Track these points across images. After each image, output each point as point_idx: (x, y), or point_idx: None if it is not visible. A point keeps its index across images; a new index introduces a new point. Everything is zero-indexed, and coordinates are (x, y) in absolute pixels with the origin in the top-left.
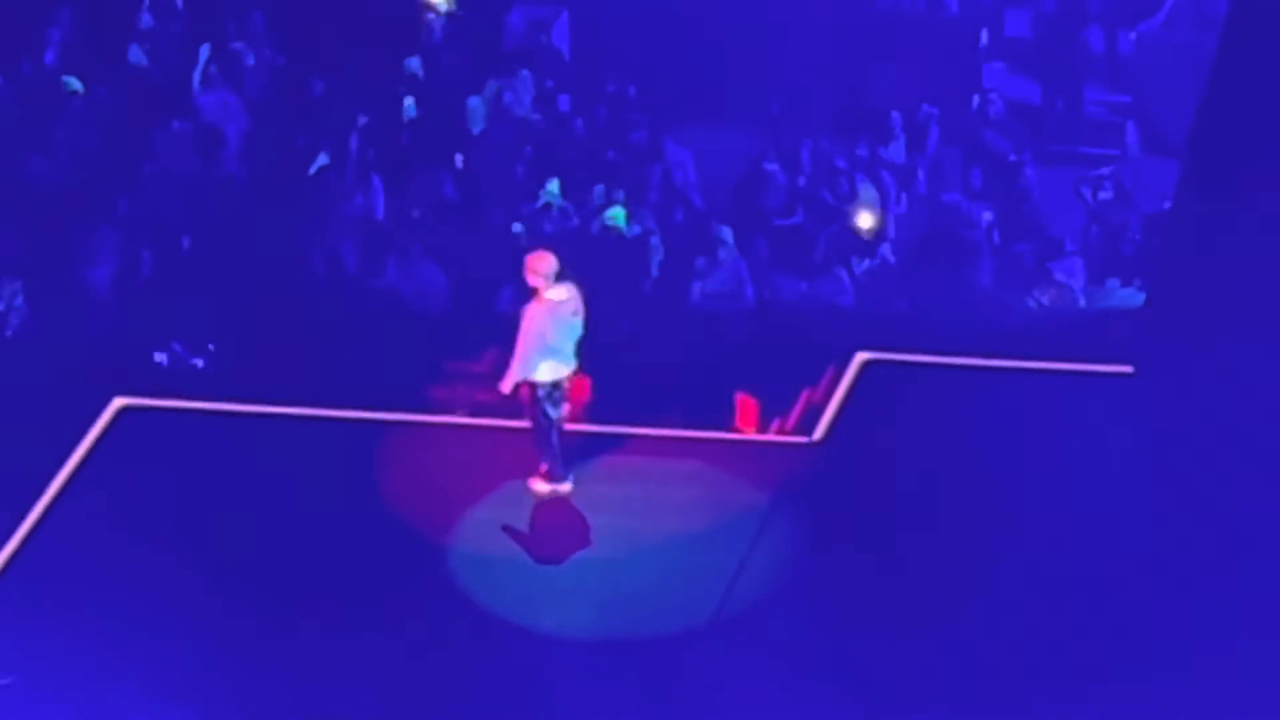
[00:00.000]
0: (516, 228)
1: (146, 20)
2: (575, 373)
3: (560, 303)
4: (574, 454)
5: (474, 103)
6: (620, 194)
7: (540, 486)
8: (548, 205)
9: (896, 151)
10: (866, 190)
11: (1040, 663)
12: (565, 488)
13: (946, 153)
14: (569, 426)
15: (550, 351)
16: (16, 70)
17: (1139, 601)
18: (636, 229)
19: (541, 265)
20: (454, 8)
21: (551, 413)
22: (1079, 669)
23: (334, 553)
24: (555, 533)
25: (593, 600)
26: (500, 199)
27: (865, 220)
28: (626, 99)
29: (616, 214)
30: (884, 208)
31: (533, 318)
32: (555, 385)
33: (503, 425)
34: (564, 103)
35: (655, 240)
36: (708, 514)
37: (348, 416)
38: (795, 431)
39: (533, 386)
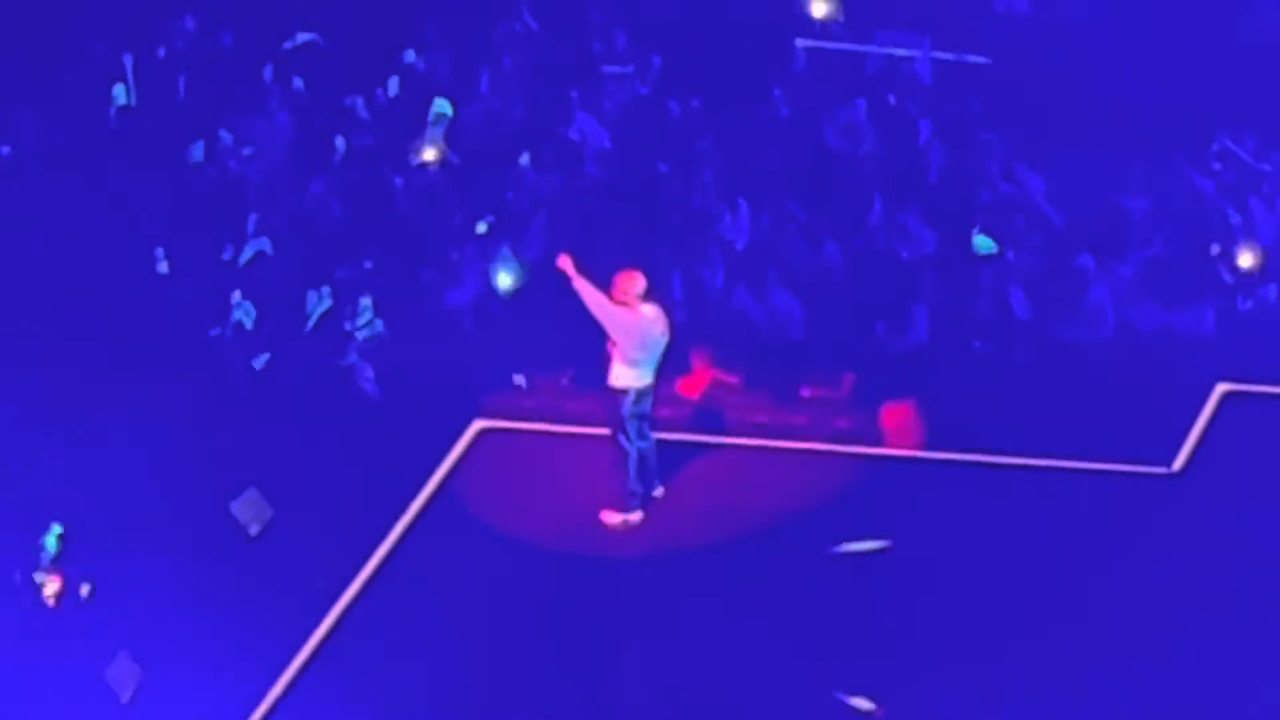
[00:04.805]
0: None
1: (510, 45)
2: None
3: (650, 319)
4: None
5: (830, 129)
6: (979, 222)
7: (612, 518)
8: None
9: (1260, 180)
10: (1229, 220)
11: None
12: (635, 517)
13: None
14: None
15: (640, 361)
16: (386, 92)
17: None
18: (996, 254)
19: (632, 286)
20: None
21: (638, 435)
22: None
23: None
24: (906, 562)
25: (955, 626)
26: (855, 226)
27: (1228, 250)
28: (986, 126)
29: (985, 243)
30: (1246, 237)
31: (634, 322)
32: (640, 396)
33: (862, 453)
34: (925, 130)
35: (1012, 267)
36: (1063, 542)
37: (698, 441)
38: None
39: (619, 396)
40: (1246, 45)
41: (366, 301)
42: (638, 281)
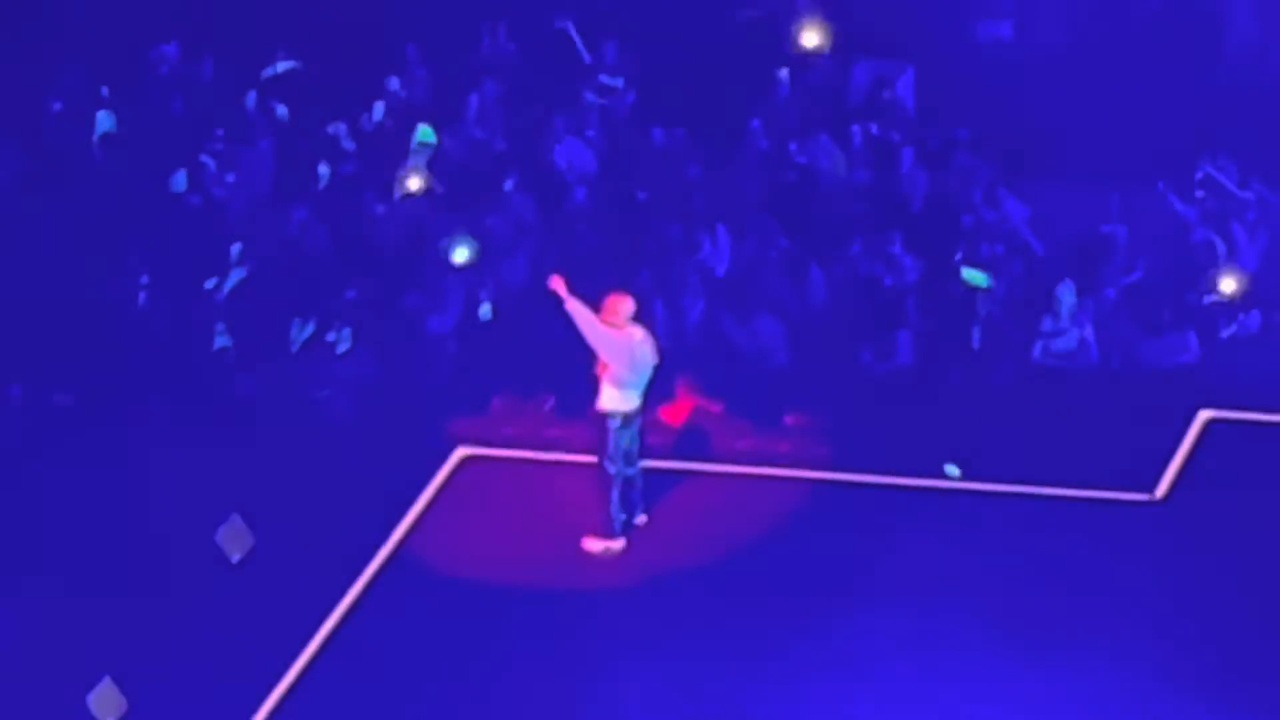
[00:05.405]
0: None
1: (493, 72)
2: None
3: (639, 341)
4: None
5: (812, 157)
6: (961, 252)
7: (593, 545)
8: None
9: (1239, 208)
10: (1211, 246)
11: None
12: (618, 545)
13: None
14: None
15: (629, 384)
16: (369, 119)
17: None
18: (989, 286)
19: (621, 308)
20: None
21: (622, 461)
22: None
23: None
24: (889, 587)
25: (931, 657)
26: (838, 253)
27: (1210, 276)
28: (970, 153)
29: (977, 277)
30: (1228, 264)
31: (624, 344)
32: (628, 421)
33: (845, 480)
34: (907, 157)
35: (995, 293)
36: (1045, 569)
37: (680, 468)
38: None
39: (605, 419)
40: (1229, 73)
41: (349, 329)
42: (627, 304)
